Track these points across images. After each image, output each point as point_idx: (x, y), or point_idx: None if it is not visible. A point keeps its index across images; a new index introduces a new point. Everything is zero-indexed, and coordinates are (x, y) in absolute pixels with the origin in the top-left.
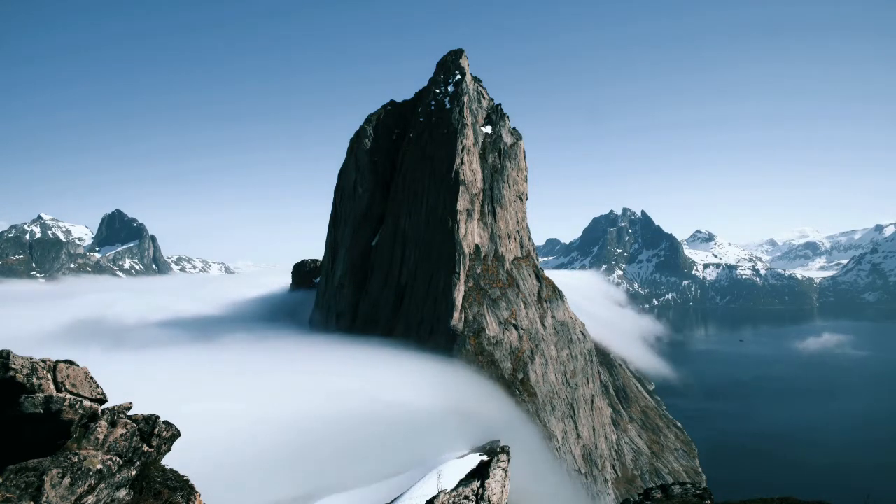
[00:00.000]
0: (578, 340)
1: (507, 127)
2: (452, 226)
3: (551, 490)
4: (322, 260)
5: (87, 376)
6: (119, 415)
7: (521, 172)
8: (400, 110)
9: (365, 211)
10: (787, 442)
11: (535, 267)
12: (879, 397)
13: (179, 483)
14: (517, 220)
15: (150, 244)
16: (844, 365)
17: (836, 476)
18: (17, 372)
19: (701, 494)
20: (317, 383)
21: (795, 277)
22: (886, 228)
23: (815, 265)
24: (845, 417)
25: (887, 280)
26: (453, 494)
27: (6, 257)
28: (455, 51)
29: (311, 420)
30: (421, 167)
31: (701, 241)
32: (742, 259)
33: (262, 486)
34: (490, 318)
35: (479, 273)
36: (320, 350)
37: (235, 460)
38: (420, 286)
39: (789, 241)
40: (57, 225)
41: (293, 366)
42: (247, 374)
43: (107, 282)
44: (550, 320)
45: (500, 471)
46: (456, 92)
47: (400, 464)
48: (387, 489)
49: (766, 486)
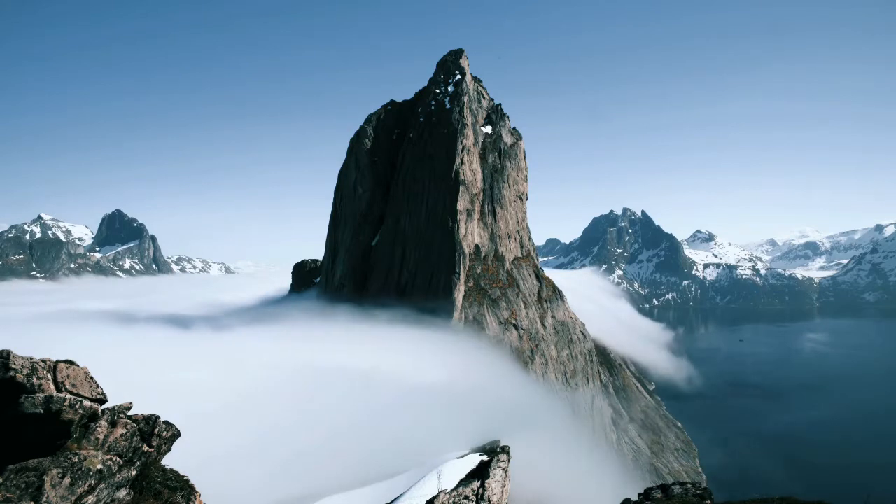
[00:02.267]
0: (578, 340)
1: (507, 127)
2: (452, 226)
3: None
4: (322, 260)
5: (88, 376)
6: (119, 415)
7: (521, 172)
8: (400, 110)
9: (365, 211)
10: (787, 441)
11: (535, 267)
12: (879, 397)
13: (179, 483)
14: (517, 220)
15: (150, 244)
16: (844, 364)
17: (837, 476)
18: (17, 372)
19: (701, 494)
20: (317, 383)
21: (795, 277)
22: (886, 228)
23: (815, 265)
24: (846, 417)
25: (887, 280)
26: (453, 494)
27: (6, 257)
28: (455, 51)
29: (311, 420)
30: (421, 167)
31: (701, 241)
32: (742, 259)
33: (262, 486)
34: (490, 318)
35: (479, 273)
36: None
37: (236, 460)
38: (420, 286)
39: (789, 241)
40: (57, 225)
41: (294, 362)
42: (247, 370)
43: (107, 282)
44: (550, 320)
45: (500, 471)
46: (456, 92)
47: (400, 464)
48: (387, 489)
49: (766, 486)
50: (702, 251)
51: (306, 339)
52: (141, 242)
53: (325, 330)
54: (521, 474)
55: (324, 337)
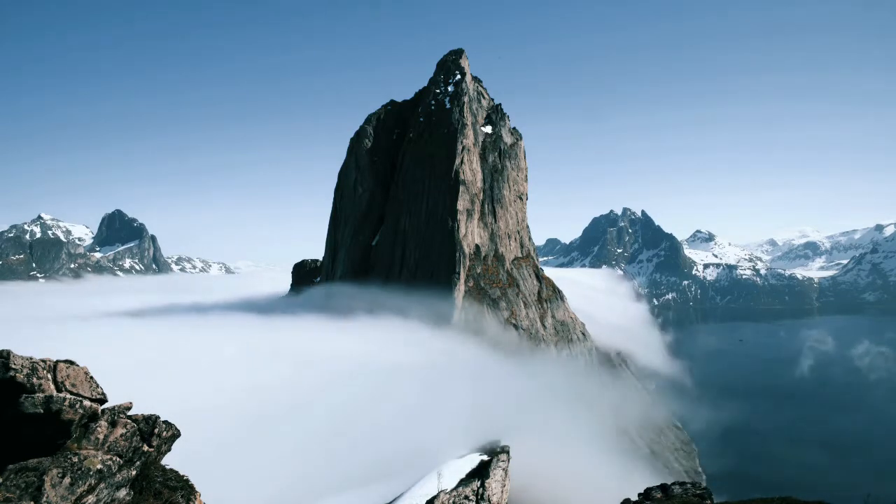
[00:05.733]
0: (579, 340)
1: (508, 127)
2: (452, 226)
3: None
4: (322, 260)
5: (88, 376)
6: (119, 414)
7: (521, 172)
8: (400, 110)
9: (365, 211)
10: (787, 442)
11: (535, 267)
12: (879, 396)
13: (179, 483)
14: (517, 220)
15: (150, 244)
16: (844, 364)
17: (837, 476)
18: (17, 372)
19: (701, 494)
20: (317, 382)
21: (795, 277)
22: (886, 228)
23: (815, 265)
24: (846, 417)
25: (887, 280)
26: (453, 494)
27: (6, 257)
28: (455, 51)
29: (311, 420)
30: (421, 167)
31: (701, 241)
32: (742, 259)
33: (263, 486)
34: (490, 317)
35: (479, 273)
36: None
37: (236, 461)
38: (420, 286)
39: (789, 241)
40: (57, 225)
41: (294, 361)
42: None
43: (107, 281)
44: (550, 320)
45: (500, 471)
46: (456, 92)
47: (400, 464)
48: (387, 489)
49: (766, 486)
50: (702, 251)
51: (306, 339)
52: (141, 242)
53: (322, 328)
54: (521, 474)
55: (323, 336)
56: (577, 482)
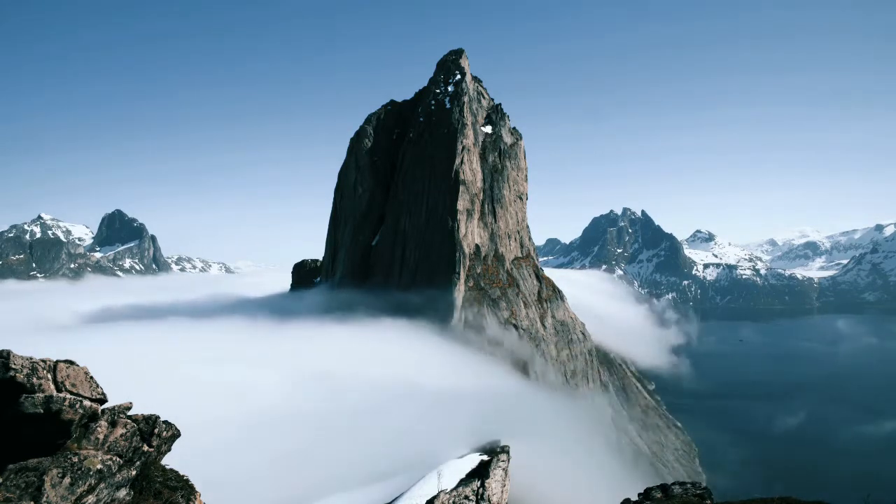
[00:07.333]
0: (578, 340)
1: (508, 127)
2: (452, 226)
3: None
4: (322, 260)
5: (87, 376)
6: (119, 415)
7: (521, 172)
8: (400, 110)
9: (365, 211)
10: (787, 441)
11: (535, 267)
12: (880, 396)
13: (179, 483)
14: (517, 220)
15: (150, 244)
16: (844, 364)
17: (837, 476)
18: (17, 372)
19: (701, 494)
20: (317, 382)
21: (795, 277)
22: (886, 228)
23: (815, 265)
24: (846, 417)
25: (887, 280)
26: (453, 494)
27: (6, 257)
28: (455, 51)
29: (311, 419)
30: (421, 167)
31: (701, 241)
32: (742, 259)
33: (263, 486)
34: (490, 317)
35: (479, 273)
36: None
37: (236, 460)
38: (420, 286)
39: (789, 241)
40: (57, 225)
41: (295, 360)
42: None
43: (107, 281)
44: (550, 320)
45: (500, 471)
46: (456, 92)
47: (400, 464)
48: (387, 489)
49: (766, 486)
50: (702, 251)
51: (306, 339)
52: (141, 242)
53: (322, 328)
54: (521, 474)
55: (323, 336)
56: (578, 482)
